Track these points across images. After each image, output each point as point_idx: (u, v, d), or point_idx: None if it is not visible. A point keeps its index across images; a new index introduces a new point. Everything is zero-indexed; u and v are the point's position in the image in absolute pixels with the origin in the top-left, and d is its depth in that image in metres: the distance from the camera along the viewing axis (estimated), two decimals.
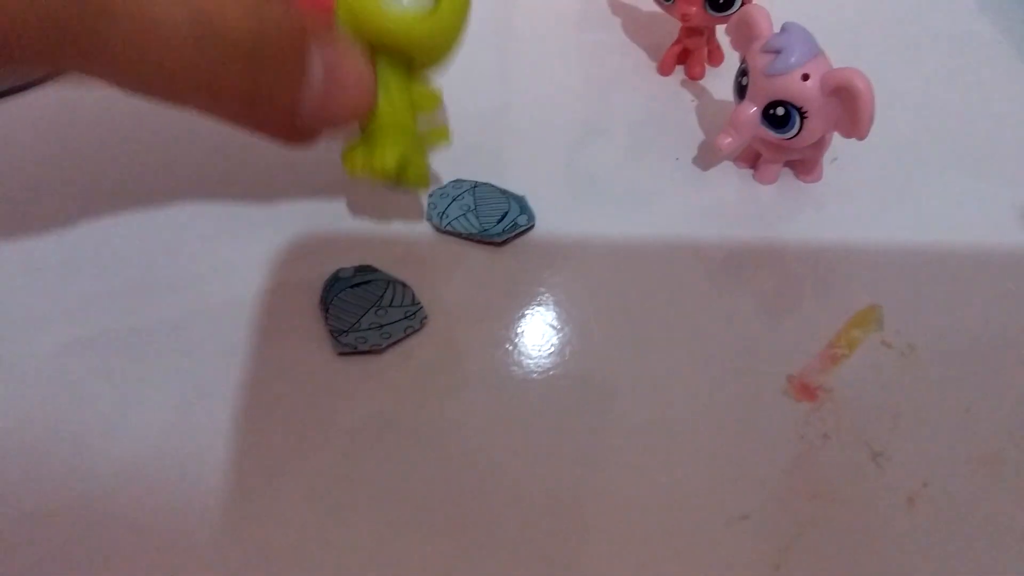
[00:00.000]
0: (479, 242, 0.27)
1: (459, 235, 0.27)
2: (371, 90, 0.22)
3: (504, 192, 0.28)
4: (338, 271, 0.25)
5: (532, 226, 0.27)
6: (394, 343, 0.24)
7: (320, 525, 0.20)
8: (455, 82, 0.29)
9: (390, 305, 0.25)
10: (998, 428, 0.23)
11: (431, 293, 0.25)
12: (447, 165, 0.29)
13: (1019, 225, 0.29)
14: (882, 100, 0.32)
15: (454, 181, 0.29)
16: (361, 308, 0.25)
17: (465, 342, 0.24)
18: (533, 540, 0.20)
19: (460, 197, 0.28)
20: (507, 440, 0.22)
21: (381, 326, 0.24)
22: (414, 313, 0.25)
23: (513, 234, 0.27)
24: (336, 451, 0.22)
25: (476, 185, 0.28)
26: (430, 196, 0.28)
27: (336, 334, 0.24)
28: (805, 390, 0.23)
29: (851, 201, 0.29)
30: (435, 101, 0.24)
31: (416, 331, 0.24)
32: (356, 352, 0.24)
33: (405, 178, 0.23)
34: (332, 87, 0.21)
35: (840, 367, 0.24)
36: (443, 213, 0.27)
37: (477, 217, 0.27)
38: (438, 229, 0.27)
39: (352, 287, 0.25)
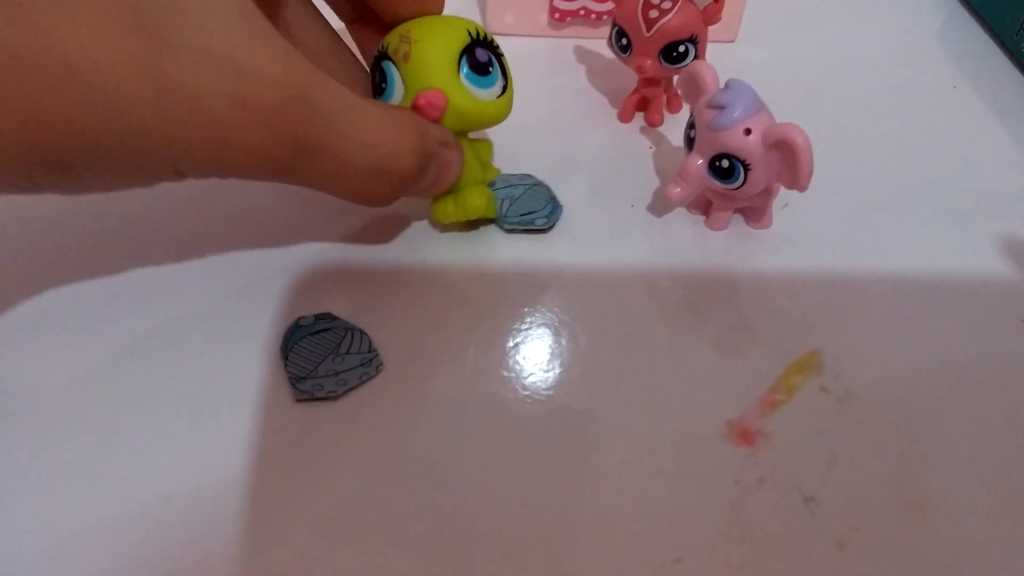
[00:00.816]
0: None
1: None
2: (461, 172, 0.28)
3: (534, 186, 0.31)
4: (298, 319, 0.26)
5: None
6: (350, 389, 0.25)
7: (295, 568, 0.21)
8: None
9: (347, 352, 0.26)
10: (929, 473, 0.24)
11: (390, 337, 0.26)
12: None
13: (964, 272, 0.30)
14: (836, 145, 0.33)
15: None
16: (319, 355, 0.25)
17: (422, 383, 0.25)
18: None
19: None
20: (463, 470, 0.23)
21: (337, 373, 0.25)
22: (370, 360, 0.26)
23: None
24: (305, 493, 0.23)
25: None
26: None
27: (294, 381, 0.25)
28: (744, 435, 0.24)
29: (799, 247, 0.30)
30: (491, 148, 0.32)
31: (371, 377, 0.25)
32: (313, 399, 0.25)
33: (486, 213, 0.29)
34: (438, 178, 0.27)
35: (779, 412, 0.25)
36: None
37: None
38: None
39: (311, 335, 0.26)
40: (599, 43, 0.38)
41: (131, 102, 0.18)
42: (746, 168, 0.27)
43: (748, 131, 0.27)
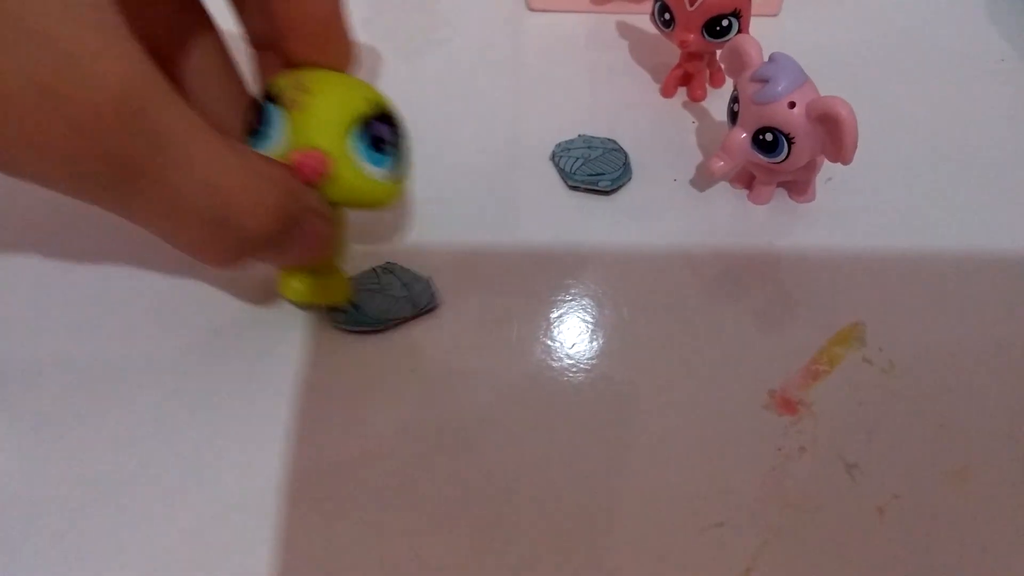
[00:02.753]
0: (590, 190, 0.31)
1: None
2: (331, 248, 0.24)
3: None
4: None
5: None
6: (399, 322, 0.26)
7: (340, 532, 0.22)
8: (473, 102, 0.31)
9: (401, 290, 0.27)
10: (969, 442, 0.24)
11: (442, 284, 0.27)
12: (478, 178, 0.31)
13: (1008, 248, 0.30)
14: (881, 119, 0.33)
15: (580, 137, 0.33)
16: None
17: (466, 348, 0.26)
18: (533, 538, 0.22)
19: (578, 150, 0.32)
20: (504, 436, 0.24)
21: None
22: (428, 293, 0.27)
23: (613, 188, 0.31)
24: (361, 454, 0.24)
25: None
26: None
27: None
28: (786, 404, 0.25)
29: (843, 221, 0.30)
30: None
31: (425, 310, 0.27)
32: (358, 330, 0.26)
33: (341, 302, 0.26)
34: (301, 250, 0.23)
35: (821, 383, 0.25)
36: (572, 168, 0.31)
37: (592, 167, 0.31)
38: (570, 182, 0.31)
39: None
40: (642, 18, 0.38)
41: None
42: (790, 142, 0.28)
43: (792, 104, 0.27)
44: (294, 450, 0.24)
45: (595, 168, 0.31)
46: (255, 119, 0.23)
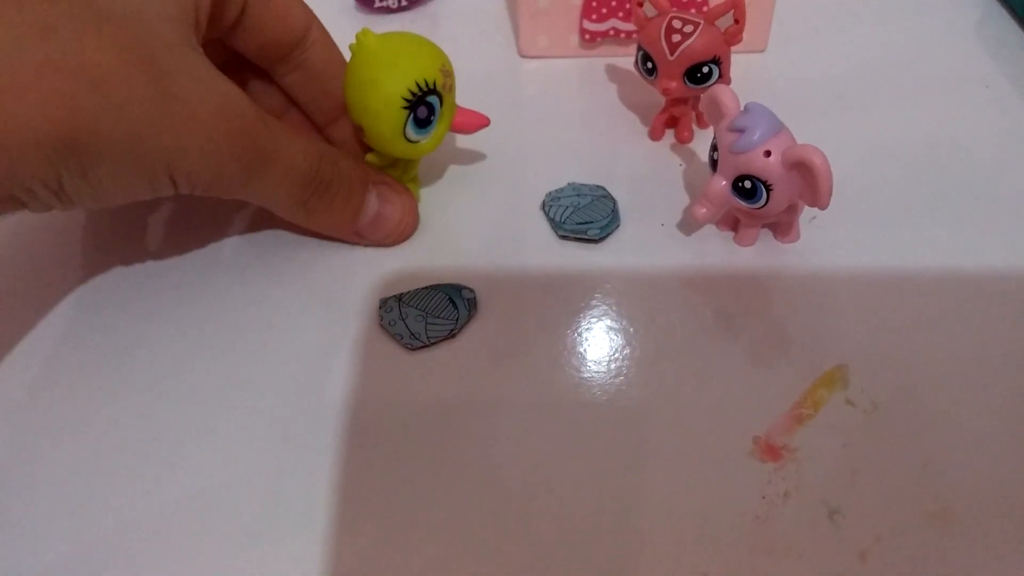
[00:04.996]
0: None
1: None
2: (410, 228, 0.32)
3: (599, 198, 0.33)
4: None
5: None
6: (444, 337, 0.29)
7: (357, 551, 0.23)
8: (467, 151, 0.33)
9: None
10: (951, 482, 0.24)
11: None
12: (454, 210, 0.33)
13: (992, 279, 0.30)
14: (867, 151, 0.34)
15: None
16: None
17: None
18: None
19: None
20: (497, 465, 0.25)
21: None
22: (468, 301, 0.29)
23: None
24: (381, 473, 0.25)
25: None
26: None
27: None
28: (770, 451, 0.25)
29: (827, 260, 0.31)
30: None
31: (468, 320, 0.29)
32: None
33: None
34: (381, 217, 0.31)
35: (805, 427, 0.26)
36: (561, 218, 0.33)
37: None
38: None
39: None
40: (630, 60, 0.39)
41: (137, 104, 0.23)
42: (768, 188, 0.28)
43: (768, 153, 0.28)
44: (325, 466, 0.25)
45: (584, 216, 0.32)
46: (425, 114, 0.29)
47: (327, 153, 0.29)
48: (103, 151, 0.23)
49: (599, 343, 0.29)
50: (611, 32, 0.40)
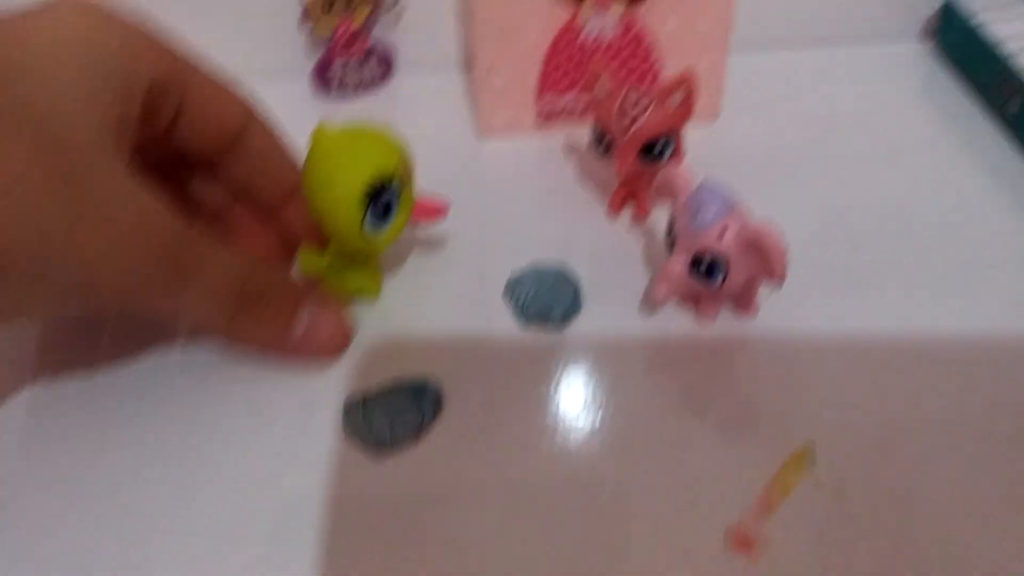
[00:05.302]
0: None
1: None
2: (344, 342, 0.31)
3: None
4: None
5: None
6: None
7: None
8: (429, 236, 0.34)
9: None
10: (924, 562, 0.24)
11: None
12: (417, 297, 0.32)
13: (954, 342, 0.30)
14: (821, 216, 0.34)
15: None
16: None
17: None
18: None
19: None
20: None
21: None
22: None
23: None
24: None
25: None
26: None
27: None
28: (743, 542, 0.25)
29: (787, 333, 0.31)
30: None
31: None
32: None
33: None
34: (314, 331, 0.30)
35: (776, 513, 0.25)
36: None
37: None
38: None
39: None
40: (586, 134, 0.39)
41: (50, 214, 0.22)
42: (725, 267, 0.28)
43: (723, 232, 0.28)
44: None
45: (546, 301, 0.32)
46: (382, 208, 0.29)
47: (256, 266, 0.28)
48: (10, 264, 0.22)
49: (566, 432, 0.28)
50: (566, 110, 0.40)
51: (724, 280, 0.28)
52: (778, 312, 0.31)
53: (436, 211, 0.32)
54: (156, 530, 0.26)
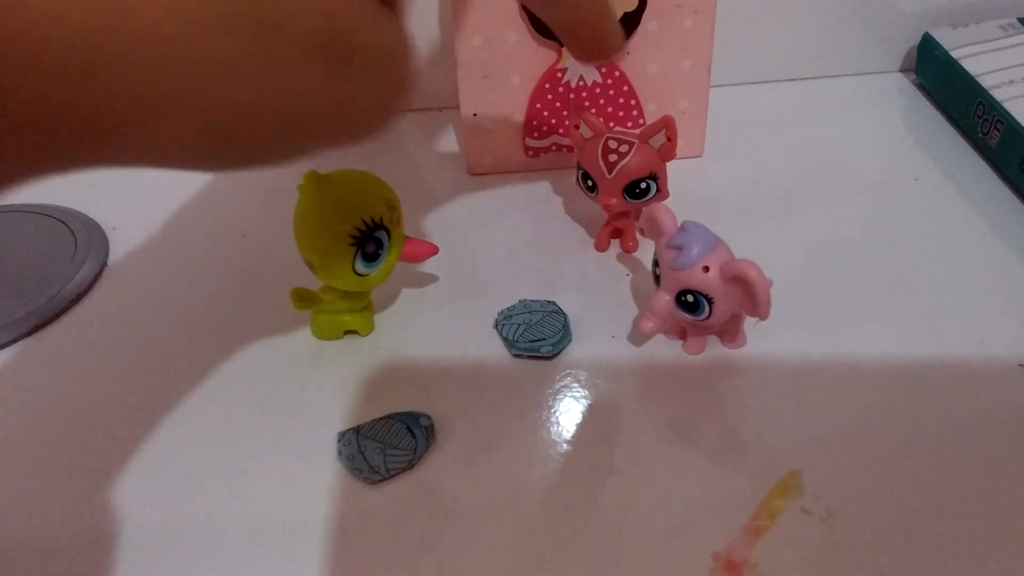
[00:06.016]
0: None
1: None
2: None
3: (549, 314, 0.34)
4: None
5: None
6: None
7: None
8: (421, 276, 0.34)
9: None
10: None
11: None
12: (409, 333, 0.32)
13: (938, 371, 0.31)
14: (806, 250, 0.35)
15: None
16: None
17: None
18: None
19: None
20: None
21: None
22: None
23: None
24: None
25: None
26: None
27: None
28: (731, 568, 0.26)
29: (773, 363, 0.32)
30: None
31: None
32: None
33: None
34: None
35: (764, 539, 0.26)
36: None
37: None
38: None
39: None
40: (573, 171, 0.41)
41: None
42: (710, 302, 0.29)
43: (707, 268, 0.29)
44: None
45: (536, 334, 0.33)
46: (372, 250, 0.30)
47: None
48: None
49: (557, 462, 0.29)
50: (552, 148, 0.42)
51: (710, 314, 0.30)
52: (765, 341, 0.33)
53: (426, 250, 0.33)
54: (158, 551, 0.27)
